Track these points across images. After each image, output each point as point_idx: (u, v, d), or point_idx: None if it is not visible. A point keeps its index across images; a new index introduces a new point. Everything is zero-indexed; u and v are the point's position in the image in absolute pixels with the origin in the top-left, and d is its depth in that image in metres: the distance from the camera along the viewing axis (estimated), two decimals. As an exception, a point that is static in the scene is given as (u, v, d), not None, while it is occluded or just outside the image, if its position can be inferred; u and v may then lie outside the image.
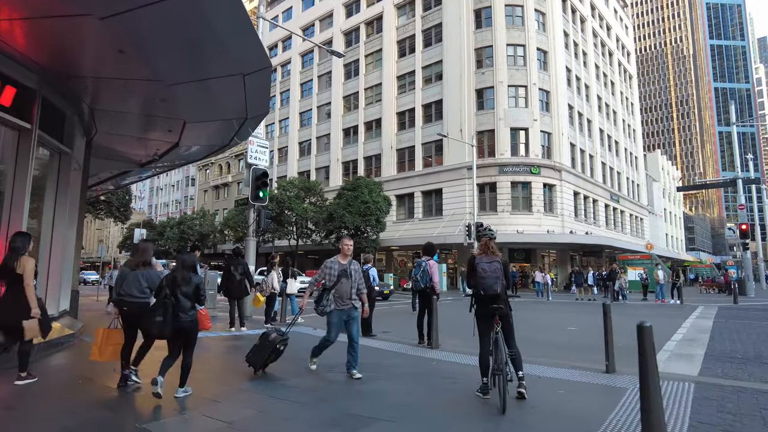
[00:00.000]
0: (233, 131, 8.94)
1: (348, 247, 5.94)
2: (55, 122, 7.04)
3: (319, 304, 5.69)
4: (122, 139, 9.36)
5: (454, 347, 7.90)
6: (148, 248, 5.43)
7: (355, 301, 5.84)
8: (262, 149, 12.52)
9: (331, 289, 5.67)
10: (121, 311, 5.10)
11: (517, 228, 32.99)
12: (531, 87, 36.64)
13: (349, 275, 5.73)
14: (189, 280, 4.83)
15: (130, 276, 5.09)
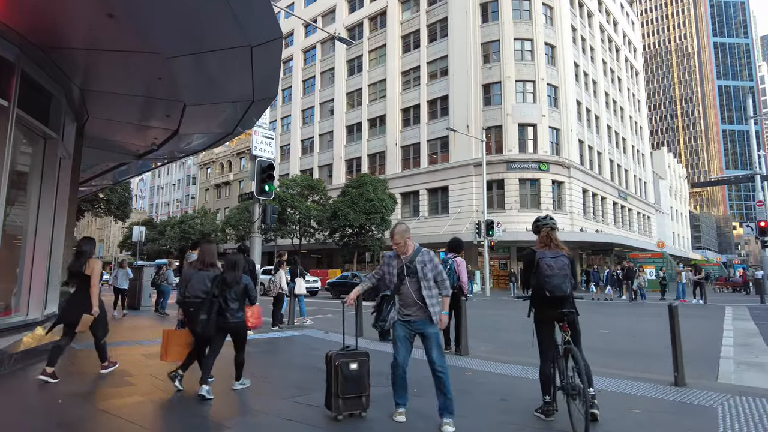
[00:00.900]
0: (237, 117, 8.15)
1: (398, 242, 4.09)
2: (38, 103, 6.26)
3: (379, 318, 3.97)
4: (117, 126, 8.57)
5: (486, 354, 7.13)
6: (212, 249, 5.37)
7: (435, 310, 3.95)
8: (268, 140, 11.73)
9: (391, 296, 3.99)
10: (186, 312, 5.09)
11: (526, 226, 32.14)
12: (539, 82, 35.82)
13: (414, 272, 3.96)
14: (239, 280, 4.88)
15: (195, 277, 5.07)
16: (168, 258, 37.66)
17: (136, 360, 6.47)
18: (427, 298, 3.93)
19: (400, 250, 4.06)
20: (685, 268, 27.30)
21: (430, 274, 3.99)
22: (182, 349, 5.06)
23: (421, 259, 4.03)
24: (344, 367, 4.00)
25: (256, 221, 11.38)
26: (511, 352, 7.50)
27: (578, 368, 3.39)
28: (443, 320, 3.99)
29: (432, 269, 4.01)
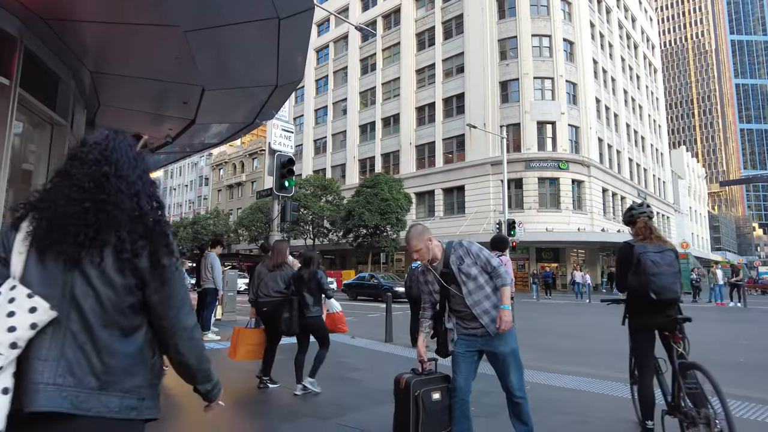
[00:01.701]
0: (258, 104, 7.53)
1: (418, 248, 3.16)
2: (45, 84, 5.69)
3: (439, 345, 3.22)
4: (130, 116, 8.00)
5: (534, 363, 6.44)
6: (284, 248, 5.33)
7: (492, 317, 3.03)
8: (287, 134, 11.16)
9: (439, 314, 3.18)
10: (260, 312, 5.08)
11: (546, 226, 31.33)
12: (558, 79, 34.99)
13: (454, 278, 3.05)
14: (314, 276, 4.90)
15: (268, 277, 5.06)
16: (182, 260, 37.25)
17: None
18: (474, 306, 2.98)
19: (424, 257, 3.13)
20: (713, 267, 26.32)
21: (474, 270, 3.04)
22: (251, 349, 5.02)
23: (455, 256, 3.09)
24: (426, 398, 3.06)
25: (275, 218, 10.79)
26: (560, 361, 6.83)
27: (717, 390, 2.68)
28: (505, 319, 2.98)
29: (473, 262, 3.07)
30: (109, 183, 1.26)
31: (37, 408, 1.10)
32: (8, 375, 1.12)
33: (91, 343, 1.19)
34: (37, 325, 1.14)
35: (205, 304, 8.54)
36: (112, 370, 1.19)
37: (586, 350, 8.30)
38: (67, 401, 1.13)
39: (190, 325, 1.34)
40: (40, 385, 1.12)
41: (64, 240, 1.20)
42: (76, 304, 1.19)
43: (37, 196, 1.29)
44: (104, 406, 1.17)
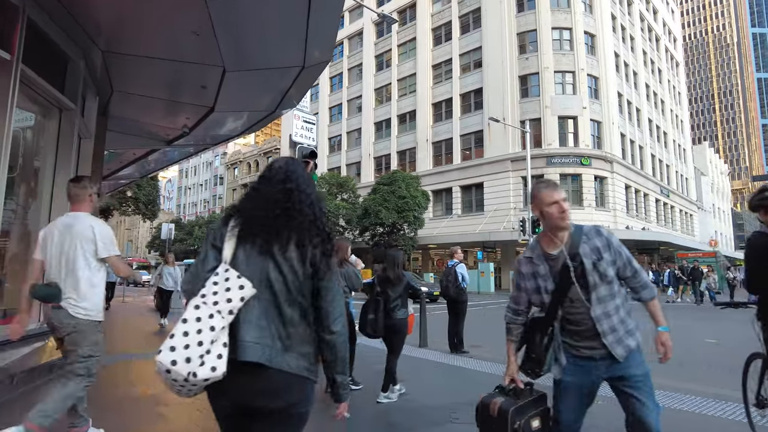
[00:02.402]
0: (282, 89, 6.97)
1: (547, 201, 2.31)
2: (52, 63, 5.18)
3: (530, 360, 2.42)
4: (145, 103, 7.49)
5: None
6: (345, 246, 5.11)
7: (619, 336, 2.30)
8: (309, 125, 10.60)
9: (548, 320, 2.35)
10: None
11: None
12: (579, 72, 34.00)
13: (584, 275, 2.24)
14: (401, 278, 4.74)
15: None
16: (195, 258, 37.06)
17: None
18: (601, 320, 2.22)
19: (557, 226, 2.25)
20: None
21: (611, 271, 2.22)
22: None
23: (590, 246, 2.24)
24: (527, 428, 2.28)
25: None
26: None
27: None
28: (668, 344, 2.31)
29: (612, 260, 2.25)
30: (293, 196, 1.66)
31: (244, 358, 1.49)
32: (226, 334, 1.49)
33: (279, 316, 1.57)
34: (244, 298, 1.52)
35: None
36: (292, 337, 1.57)
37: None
38: (264, 356, 1.51)
39: (338, 313, 1.64)
40: (247, 342, 1.51)
41: (261, 237, 1.60)
42: (270, 286, 1.57)
43: (239, 203, 1.74)
44: (286, 363, 1.53)
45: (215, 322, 1.46)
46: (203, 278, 1.58)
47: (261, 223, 1.61)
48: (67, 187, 3.27)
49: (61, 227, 3.12)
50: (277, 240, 1.59)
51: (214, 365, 1.43)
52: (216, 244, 1.65)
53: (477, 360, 6.51)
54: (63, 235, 3.08)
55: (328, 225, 1.71)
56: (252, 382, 1.51)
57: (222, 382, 1.46)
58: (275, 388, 1.53)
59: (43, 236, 3.15)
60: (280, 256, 1.58)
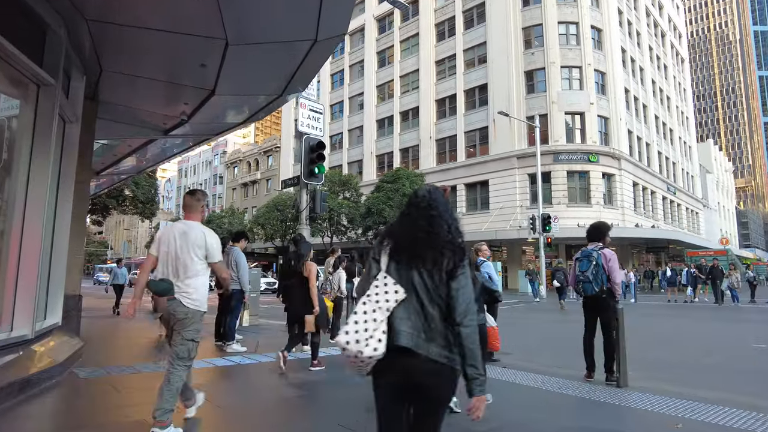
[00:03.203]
0: (291, 68, 6.26)
1: None
2: (25, 30, 4.48)
3: None
4: (139, 85, 6.78)
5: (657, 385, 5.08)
6: None
7: None
8: (316, 114, 9.90)
9: None
10: None
11: (578, 221, 29.71)
12: (586, 68, 33.30)
13: None
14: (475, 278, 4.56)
15: None
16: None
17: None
18: None
19: None
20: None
21: None
22: None
23: None
24: None
25: (303, 210, 9.53)
26: (689, 380, 5.49)
27: None
28: None
29: None
30: (435, 221, 2.03)
31: (398, 343, 1.87)
32: (385, 324, 1.89)
33: (423, 314, 1.94)
34: (398, 300, 1.92)
35: (230, 309, 7.25)
36: (433, 330, 1.92)
37: (685, 364, 6.91)
38: (412, 343, 1.88)
39: (473, 310, 1.97)
40: (402, 332, 1.88)
41: (407, 255, 2.01)
42: (415, 291, 1.95)
43: (392, 226, 2.19)
44: (430, 350, 1.89)
45: (377, 315, 1.89)
46: (369, 283, 2.01)
47: (407, 244, 2.02)
48: (183, 198, 3.92)
49: (177, 233, 3.66)
50: (419, 257, 1.98)
51: (376, 347, 1.84)
52: (376, 258, 2.07)
53: (511, 370, 5.82)
54: (178, 240, 3.62)
55: (461, 240, 2.05)
56: (404, 365, 1.88)
57: (383, 362, 1.87)
58: (421, 370, 1.88)
59: (159, 237, 3.75)
60: (422, 268, 1.97)
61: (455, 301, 1.94)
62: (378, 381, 1.99)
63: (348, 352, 1.86)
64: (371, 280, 2.02)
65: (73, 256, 6.26)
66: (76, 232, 6.37)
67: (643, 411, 4.23)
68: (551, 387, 5.05)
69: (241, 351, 6.91)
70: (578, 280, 5.23)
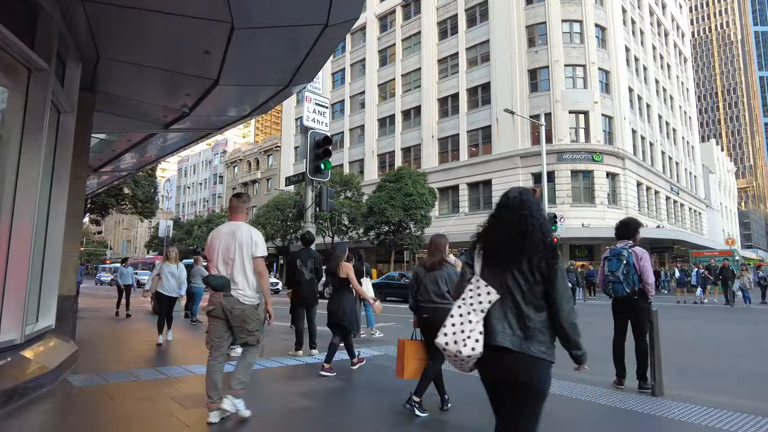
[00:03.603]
0: (299, 57, 5.92)
1: None
2: (16, 10, 4.13)
3: None
4: (138, 74, 6.43)
5: (690, 394, 4.73)
6: (443, 244, 4.44)
7: None
8: (321, 108, 9.56)
9: None
10: (420, 319, 4.41)
11: (582, 221, 29.42)
12: (590, 66, 32.96)
13: None
14: None
15: (427, 278, 4.37)
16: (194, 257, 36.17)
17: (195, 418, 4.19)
18: None
19: None
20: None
21: None
22: (421, 364, 4.32)
23: None
24: None
25: (309, 208, 9.19)
26: (727, 388, 5.16)
27: None
28: None
29: None
30: (527, 221, 2.05)
31: (495, 342, 1.97)
32: (481, 325, 1.99)
33: (518, 313, 2.02)
34: (491, 302, 2.02)
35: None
36: (530, 329, 2.00)
37: (718, 369, 6.57)
38: (509, 342, 1.97)
39: (569, 307, 2.05)
40: (498, 332, 1.98)
41: (500, 257, 2.09)
42: (510, 291, 2.03)
43: (483, 230, 2.23)
44: (528, 348, 1.97)
45: (472, 317, 2.01)
46: (463, 287, 2.14)
47: (499, 246, 2.11)
48: (230, 201, 4.21)
49: (227, 233, 3.99)
50: (512, 258, 2.06)
51: (473, 347, 1.97)
52: (469, 262, 2.21)
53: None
54: (228, 239, 3.94)
55: (550, 240, 2.10)
56: (504, 362, 1.99)
57: (484, 361, 2.00)
58: (520, 366, 1.98)
59: (211, 238, 4.06)
60: (516, 269, 2.05)
61: (556, 302, 2.02)
62: (483, 378, 2.16)
63: (447, 352, 2.02)
64: (465, 283, 2.12)
65: (68, 255, 5.91)
66: (72, 230, 6.02)
67: (688, 424, 3.88)
68: (580, 395, 4.71)
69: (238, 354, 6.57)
70: (607, 281, 4.88)
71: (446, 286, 4.23)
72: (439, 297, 4.21)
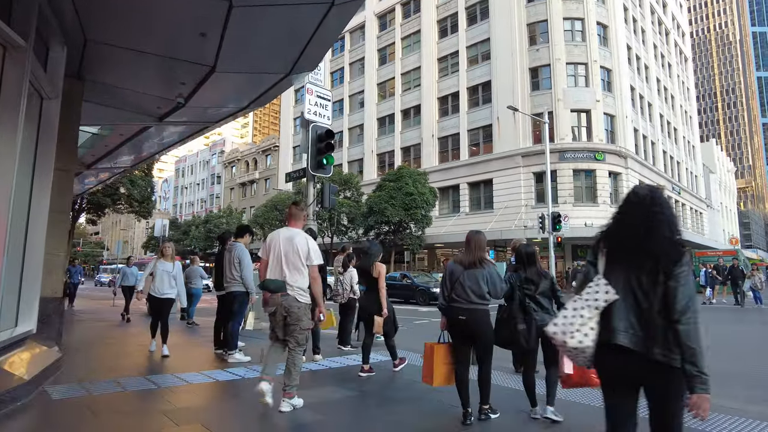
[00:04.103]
0: (302, 40, 5.50)
1: None
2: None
3: None
4: (129, 60, 6.00)
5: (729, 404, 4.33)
6: (483, 241, 4.18)
7: None
8: (324, 101, 9.14)
9: None
10: (455, 321, 4.00)
11: (585, 221, 29.03)
12: (592, 64, 32.62)
13: None
14: (544, 274, 4.20)
15: (465, 276, 3.99)
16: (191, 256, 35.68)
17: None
18: None
19: None
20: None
21: None
22: (451, 369, 4.09)
23: None
24: None
25: (311, 204, 8.77)
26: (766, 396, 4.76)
27: None
28: None
29: None
30: (656, 217, 2.02)
31: (616, 342, 1.95)
32: (594, 322, 1.99)
33: (641, 313, 1.96)
34: (608, 301, 1.99)
35: (232, 313, 6.47)
36: (652, 329, 1.93)
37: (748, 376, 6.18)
38: (631, 341, 1.94)
39: (692, 307, 1.92)
40: (619, 331, 1.96)
41: (626, 253, 2.04)
42: (632, 291, 1.99)
43: (607, 228, 2.20)
44: (647, 349, 1.91)
45: (584, 312, 2.01)
46: (587, 284, 2.09)
47: (624, 245, 2.07)
48: (289, 209, 4.53)
49: (284, 239, 4.25)
50: (638, 257, 2.01)
51: (581, 340, 1.98)
52: (592, 261, 2.17)
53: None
54: (286, 245, 4.20)
55: (679, 237, 2.05)
56: (624, 361, 1.96)
57: (603, 359, 2.01)
58: (640, 367, 1.94)
59: (268, 242, 4.31)
60: (641, 268, 1.99)
61: (674, 299, 1.92)
62: (601, 377, 2.12)
63: (556, 341, 2.05)
64: (587, 282, 2.11)
65: (52, 254, 5.48)
66: (57, 227, 5.58)
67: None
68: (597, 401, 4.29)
69: (245, 361, 6.14)
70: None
71: (487, 286, 3.91)
72: (479, 297, 3.91)
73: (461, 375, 3.97)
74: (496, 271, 4.07)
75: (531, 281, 4.11)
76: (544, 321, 3.90)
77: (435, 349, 4.11)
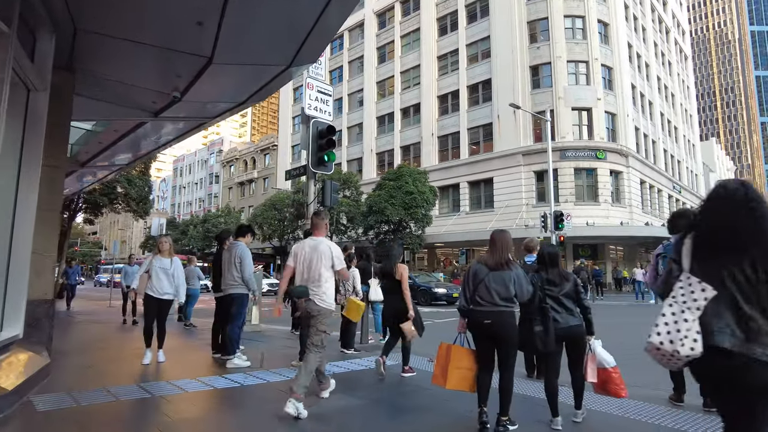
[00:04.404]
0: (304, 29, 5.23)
1: None
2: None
3: None
4: (121, 52, 5.73)
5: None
6: (509, 240, 3.93)
7: None
8: (325, 96, 8.87)
9: None
10: (478, 325, 3.76)
11: (587, 220, 28.83)
12: (593, 62, 32.42)
13: None
14: (567, 277, 3.98)
15: (490, 277, 3.77)
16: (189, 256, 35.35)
17: None
18: None
19: None
20: None
21: None
22: (465, 374, 3.84)
23: None
24: None
25: (311, 203, 8.51)
26: None
27: None
28: None
29: None
30: (751, 213, 1.88)
31: (713, 343, 1.81)
32: (697, 324, 1.83)
33: (739, 312, 1.83)
34: (706, 298, 1.84)
35: (231, 316, 6.21)
36: (753, 330, 1.79)
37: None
38: (728, 342, 1.80)
39: None
40: (715, 332, 1.83)
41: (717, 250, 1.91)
42: (727, 289, 1.85)
43: (691, 224, 2.08)
44: (749, 350, 1.78)
45: (686, 315, 1.86)
46: (671, 284, 1.98)
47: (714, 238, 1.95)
48: (312, 219, 4.88)
49: (308, 247, 4.55)
50: (732, 254, 1.88)
51: (692, 347, 1.82)
52: (675, 258, 2.06)
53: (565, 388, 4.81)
54: (311, 252, 4.49)
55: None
56: (721, 363, 1.83)
57: (699, 361, 1.85)
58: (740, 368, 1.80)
59: (294, 250, 4.62)
60: (735, 265, 1.85)
61: None
62: (698, 379, 2.06)
63: (663, 351, 1.90)
64: (672, 281, 2.02)
65: (41, 254, 5.21)
66: (46, 226, 5.31)
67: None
68: (637, 414, 4.05)
69: (244, 367, 5.87)
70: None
71: (514, 289, 3.70)
72: (505, 300, 3.72)
73: (483, 380, 3.76)
74: (524, 272, 3.88)
75: (553, 282, 3.93)
76: (567, 323, 3.78)
77: (452, 351, 3.89)
